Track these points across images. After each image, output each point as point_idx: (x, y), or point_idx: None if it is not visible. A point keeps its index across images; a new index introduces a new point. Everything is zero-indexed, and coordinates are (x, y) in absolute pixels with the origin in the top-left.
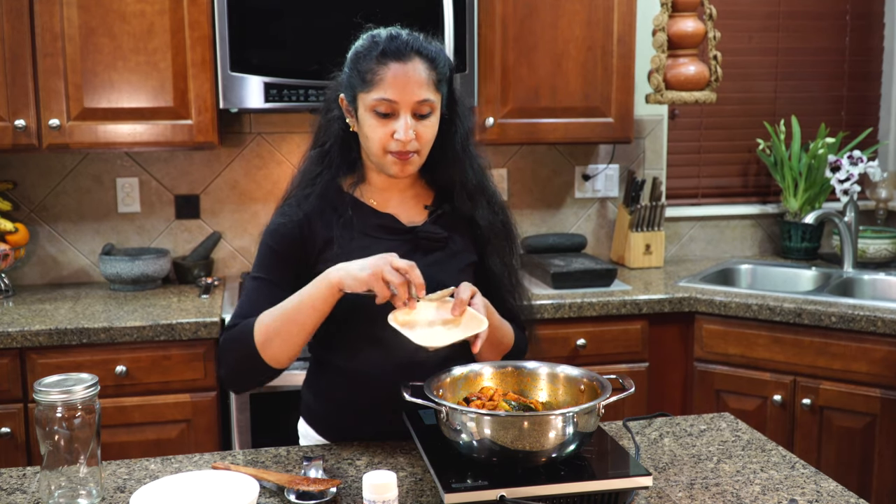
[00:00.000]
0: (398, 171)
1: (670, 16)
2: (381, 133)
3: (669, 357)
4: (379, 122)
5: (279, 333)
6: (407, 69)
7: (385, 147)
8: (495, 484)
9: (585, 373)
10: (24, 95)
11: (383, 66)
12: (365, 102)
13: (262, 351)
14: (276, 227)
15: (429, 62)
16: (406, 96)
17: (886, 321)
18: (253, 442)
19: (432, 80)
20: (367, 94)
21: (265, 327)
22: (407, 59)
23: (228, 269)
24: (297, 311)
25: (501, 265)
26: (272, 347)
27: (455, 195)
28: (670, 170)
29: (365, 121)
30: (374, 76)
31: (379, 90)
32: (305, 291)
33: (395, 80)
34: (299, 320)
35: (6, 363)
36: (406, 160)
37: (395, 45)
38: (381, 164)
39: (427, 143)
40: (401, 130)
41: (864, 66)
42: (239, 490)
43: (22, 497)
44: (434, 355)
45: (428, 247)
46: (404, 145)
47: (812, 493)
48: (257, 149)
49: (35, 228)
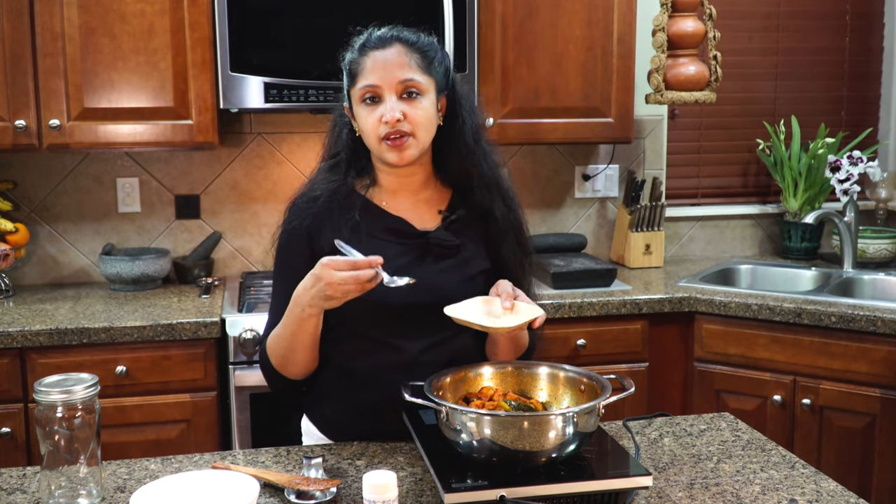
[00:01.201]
0: (396, 158)
1: (670, 16)
2: (371, 120)
3: (669, 357)
4: (367, 109)
5: (286, 357)
6: (386, 53)
7: (378, 134)
8: (495, 484)
9: (585, 373)
10: (24, 95)
11: (363, 56)
12: (355, 96)
13: (282, 370)
14: (285, 232)
15: (409, 45)
16: (387, 78)
17: (886, 321)
18: (253, 442)
19: (416, 62)
20: (354, 88)
21: (274, 353)
22: (387, 45)
23: (228, 269)
24: (293, 337)
25: (515, 260)
26: (288, 367)
27: (473, 189)
28: (670, 170)
29: (358, 114)
30: (358, 67)
31: (362, 78)
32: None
33: (374, 64)
34: (299, 345)
35: (6, 363)
36: (401, 144)
37: (374, 37)
38: (380, 153)
39: (420, 125)
40: (387, 112)
41: (864, 66)
42: (239, 490)
43: (22, 497)
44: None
45: (439, 253)
46: (393, 125)
47: (812, 493)
48: (257, 149)
49: (35, 228)
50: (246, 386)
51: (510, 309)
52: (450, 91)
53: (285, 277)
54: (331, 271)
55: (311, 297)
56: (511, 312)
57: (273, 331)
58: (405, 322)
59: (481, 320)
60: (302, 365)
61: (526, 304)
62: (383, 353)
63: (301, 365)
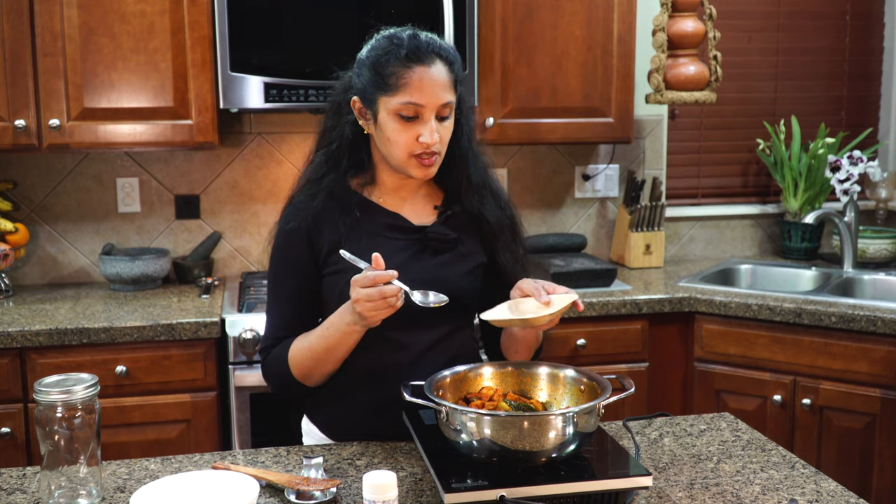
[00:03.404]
0: (422, 174)
1: (670, 16)
2: (405, 137)
3: (669, 357)
4: (403, 125)
5: (314, 368)
6: (431, 72)
7: (410, 151)
8: (495, 484)
9: (585, 373)
10: (24, 95)
11: (408, 69)
12: (388, 106)
13: (304, 381)
14: (283, 233)
15: (448, 64)
16: (432, 100)
17: (886, 321)
18: (253, 442)
19: (451, 81)
20: (390, 98)
21: (300, 365)
22: (430, 61)
23: (228, 269)
24: (327, 352)
25: (513, 261)
26: (312, 378)
27: (462, 193)
28: (670, 170)
29: (387, 125)
30: (399, 80)
31: (405, 94)
32: (332, 335)
33: (420, 83)
34: (332, 358)
35: (6, 363)
36: (431, 163)
37: (416, 47)
38: (404, 167)
39: (446, 143)
40: (427, 134)
41: (864, 66)
42: (239, 490)
43: (22, 497)
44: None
45: (437, 248)
46: (429, 147)
47: (812, 493)
48: (257, 149)
49: (35, 228)
50: (246, 386)
51: (547, 303)
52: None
53: (285, 277)
54: (356, 288)
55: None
56: (546, 306)
57: (297, 343)
58: (407, 317)
59: (521, 315)
60: (328, 374)
61: (556, 294)
62: (385, 351)
63: (328, 375)
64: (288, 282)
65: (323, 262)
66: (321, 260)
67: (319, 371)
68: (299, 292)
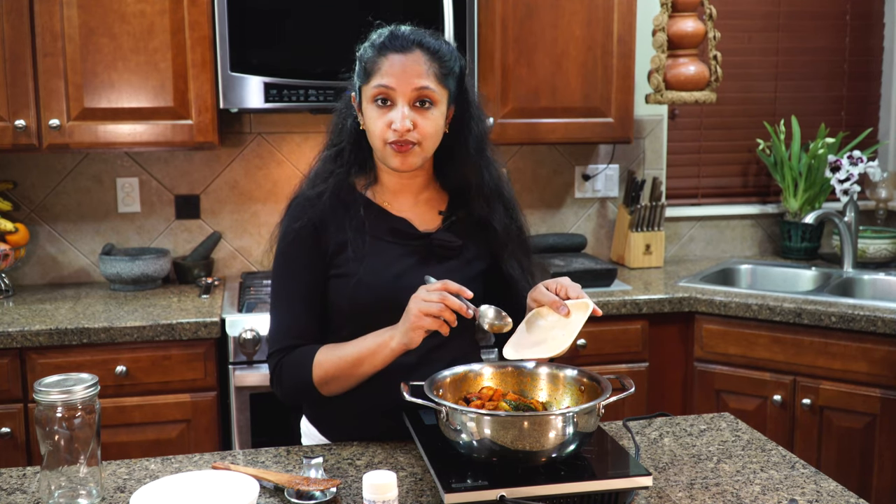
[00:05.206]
0: (399, 164)
1: (670, 16)
2: (380, 124)
3: (669, 357)
4: (378, 111)
5: (338, 379)
6: (406, 58)
7: (384, 137)
8: (495, 484)
9: (585, 373)
10: (24, 95)
11: (383, 56)
12: (366, 94)
13: (321, 388)
14: (292, 231)
15: (430, 54)
16: (403, 83)
17: (886, 321)
18: (253, 442)
19: (433, 71)
20: (367, 85)
21: (325, 372)
22: (407, 50)
23: (228, 269)
24: (357, 366)
25: (519, 269)
26: (331, 387)
27: (471, 198)
28: (670, 170)
29: (367, 112)
30: (374, 66)
31: (377, 78)
32: (367, 353)
33: (391, 67)
34: (360, 373)
35: (6, 363)
36: (406, 151)
37: (393, 35)
38: (383, 156)
39: (428, 135)
40: (397, 119)
41: (864, 66)
42: (239, 490)
43: (22, 497)
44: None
45: (442, 254)
46: (401, 134)
47: (812, 493)
48: (257, 149)
49: (35, 228)
50: (246, 386)
51: (567, 315)
52: (461, 99)
53: (295, 275)
54: (422, 288)
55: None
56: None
57: (325, 350)
58: None
59: (542, 352)
60: (346, 387)
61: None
62: None
63: (346, 387)
64: (298, 280)
65: (329, 262)
66: (328, 259)
67: (341, 381)
68: (309, 291)
